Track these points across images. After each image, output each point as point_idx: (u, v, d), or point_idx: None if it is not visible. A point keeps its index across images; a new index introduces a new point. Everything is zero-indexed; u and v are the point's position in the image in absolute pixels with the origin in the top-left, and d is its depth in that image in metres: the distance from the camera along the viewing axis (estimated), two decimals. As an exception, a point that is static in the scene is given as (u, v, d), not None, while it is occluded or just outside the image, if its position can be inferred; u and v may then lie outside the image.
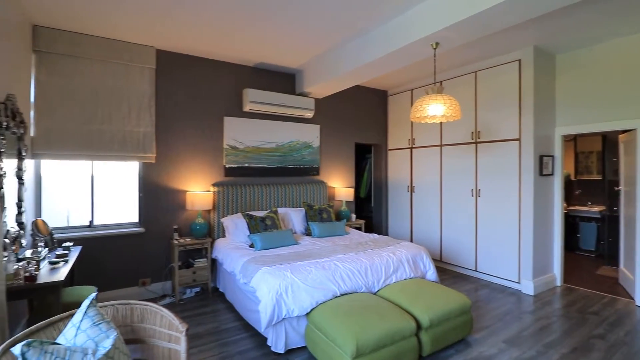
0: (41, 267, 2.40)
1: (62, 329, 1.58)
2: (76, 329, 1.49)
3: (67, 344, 1.44)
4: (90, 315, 1.54)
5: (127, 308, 1.80)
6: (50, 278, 2.25)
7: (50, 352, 1.28)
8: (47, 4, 2.93)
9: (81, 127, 3.50)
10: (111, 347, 1.45)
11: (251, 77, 4.62)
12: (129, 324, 1.77)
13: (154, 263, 3.88)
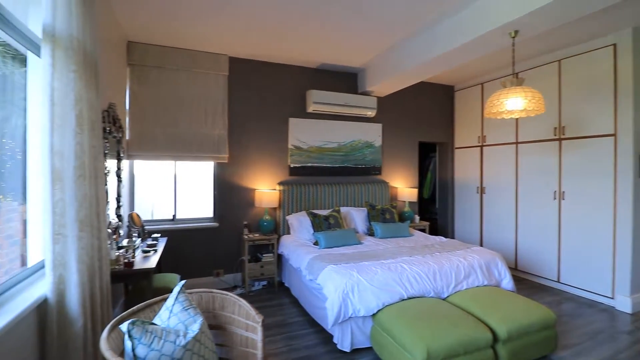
0: (136, 255, 2.72)
1: (157, 311, 1.78)
2: (169, 312, 1.66)
3: (162, 325, 1.61)
4: (180, 301, 1.71)
5: (209, 296, 1.96)
6: (143, 265, 2.54)
7: (150, 331, 1.44)
8: (140, 23, 3.32)
9: (166, 131, 3.89)
10: (198, 331, 1.59)
11: (314, 79, 4.71)
12: (211, 310, 1.93)
13: (226, 255, 4.18)
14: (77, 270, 1.62)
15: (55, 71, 1.64)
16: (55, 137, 1.61)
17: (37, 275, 1.76)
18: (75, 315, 1.60)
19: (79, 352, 1.61)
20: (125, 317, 1.60)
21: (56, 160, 1.61)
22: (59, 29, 1.67)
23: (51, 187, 1.59)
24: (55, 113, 1.62)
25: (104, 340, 1.38)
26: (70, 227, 1.63)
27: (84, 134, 1.74)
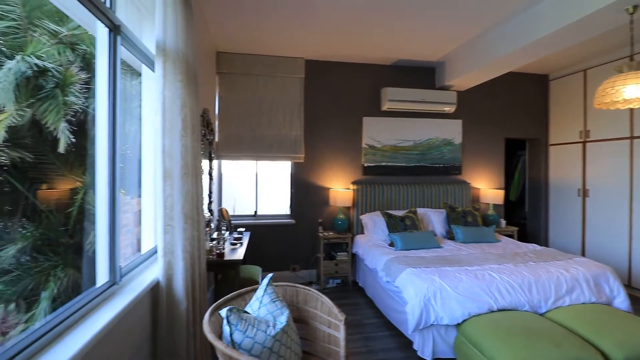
0: (225, 247, 2.96)
1: (247, 301, 1.90)
2: (259, 302, 1.76)
3: (253, 314, 1.72)
4: (269, 293, 1.80)
5: (293, 290, 2.03)
6: (232, 256, 2.74)
7: (245, 319, 1.55)
8: (228, 35, 3.61)
9: (249, 133, 4.17)
10: (286, 323, 1.65)
11: (389, 76, 4.60)
12: (294, 304, 2.00)
13: (302, 252, 4.32)
14: (182, 258, 1.82)
15: (166, 81, 1.85)
16: (166, 140, 1.83)
17: (150, 261, 2.02)
18: (180, 298, 1.80)
19: (182, 331, 1.80)
20: (221, 304, 1.74)
21: (167, 160, 1.82)
22: (168, 43, 1.88)
23: (163, 184, 1.80)
24: (166, 118, 1.84)
25: (206, 323, 1.51)
26: (177, 220, 1.83)
27: (187, 136, 1.94)
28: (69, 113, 3.63)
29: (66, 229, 4.12)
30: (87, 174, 4.46)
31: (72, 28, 4.42)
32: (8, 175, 4.07)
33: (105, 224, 1.53)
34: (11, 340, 1.00)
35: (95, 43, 1.59)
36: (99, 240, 1.52)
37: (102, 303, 1.39)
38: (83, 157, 4.42)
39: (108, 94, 1.56)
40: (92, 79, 4.13)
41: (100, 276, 1.50)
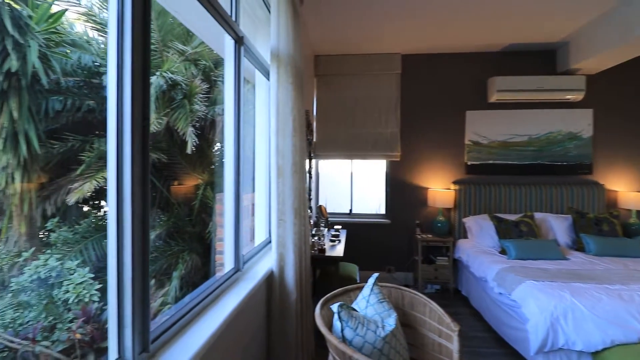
0: (325, 243, 3.04)
1: (352, 298, 1.91)
2: (366, 302, 1.74)
3: (360, 313, 1.71)
4: (375, 292, 1.77)
5: (398, 292, 1.97)
6: (332, 252, 2.81)
7: (355, 317, 1.54)
8: (325, 38, 3.70)
9: (345, 132, 4.22)
10: (394, 325, 1.60)
11: (497, 64, 4.12)
12: (400, 307, 1.93)
13: (397, 253, 4.20)
14: (292, 251, 1.92)
15: (279, 85, 1.98)
16: (279, 139, 1.95)
17: (264, 251, 2.19)
18: (291, 288, 1.90)
19: (292, 320, 1.90)
20: (330, 299, 1.78)
21: (279, 159, 1.95)
22: (281, 49, 2.00)
23: (276, 180, 1.93)
24: (279, 119, 1.96)
25: (318, 315, 1.56)
26: (288, 214, 1.94)
27: (296, 136, 2.04)
28: (194, 119, 4.21)
29: (190, 219, 4.79)
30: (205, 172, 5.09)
31: (194, 46, 5.11)
32: (154, 172, 4.86)
33: (231, 218, 1.70)
34: (170, 310, 1.18)
35: (224, 54, 1.78)
36: (226, 232, 1.71)
37: (230, 287, 1.55)
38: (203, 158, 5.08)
39: (234, 99, 1.73)
40: (211, 89, 4.71)
41: (227, 263, 1.68)
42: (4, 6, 3.14)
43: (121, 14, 0.88)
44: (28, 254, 3.18)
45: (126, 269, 0.87)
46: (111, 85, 0.89)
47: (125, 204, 0.88)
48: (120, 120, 0.88)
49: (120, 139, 0.88)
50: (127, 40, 0.89)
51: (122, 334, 0.87)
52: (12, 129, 3.05)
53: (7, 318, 2.81)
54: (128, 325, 0.87)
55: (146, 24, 0.93)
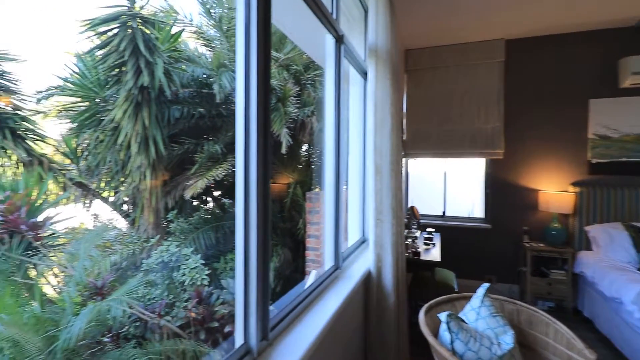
0: (418, 246, 2.89)
1: (457, 307, 1.75)
2: (476, 314, 1.58)
3: (470, 325, 1.56)
4: (487, 305, 1.60)
5: (513, 308, 1.74)
6: (427, 256, 2.65)
7: (465, 329, 1.41)
8: (416, 30, 3.51)
9: (438, 129, 3.96)
10: (513, 345, 1.41)
11: (630, 41, 3.37)
12: (515, 324, 1.70)
13: (499, 262, 3.77)
14: (390, 252, 1.85)
15: (377, 81, 1.93)
16: (377, 137, 1.90)
17: (360, 250, 2.17)
18: (389, 291, 1.83)
19: (391, 324, 1.83)
20: (433, 306, 1.67)
21: (377, 157, 1.90)
22: (379, 45, 1.95)
23: (374, 179, 1.89)
24: (377, 117, 1.91)
25: (422, 322, 1.47)
26: (386, 214, 1.88)
27: (394, 134, 1.97)
28: (287, 121, 4.44)
29: (282, 215, 5.07)
30: (295, 171, 5.33)
31: (286, 53, 5.38)
32: None
33: (331, 215, 1.72)
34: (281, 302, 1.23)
35: (316, 57, 1.81)
36: (326, 229, 1.73)
37: (331, 284, 1.56)
38: (293, 157, 5.33)
39: (334, 98, 1.74)
40: (301, 91, 4.91)
41: (327, 260, 1.69)
42: (138, 31, 3.75)
43: (248, 26, 0.94)
44: (154, 240, 3.76)
45: (252, 260, 0.93)
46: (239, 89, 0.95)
47: (251, 201, 0.93)
48: (247, 122, 0.94)
49: (247, 140, 0.94)
50: (253, 44, 0.94)
51: (247, 321, 0.93)
52: (144, 135, 3.64)
53: (140, 293, 3.34)
54: (253, 314, 0.93)
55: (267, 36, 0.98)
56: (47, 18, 11.48)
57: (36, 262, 2.79)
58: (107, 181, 4.39)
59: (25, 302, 2.76)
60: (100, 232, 3.66)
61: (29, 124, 3.83)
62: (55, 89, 4.28)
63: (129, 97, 3.59)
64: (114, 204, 4.46)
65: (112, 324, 2.94)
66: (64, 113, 4.50)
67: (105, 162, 4.06)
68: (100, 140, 3.98)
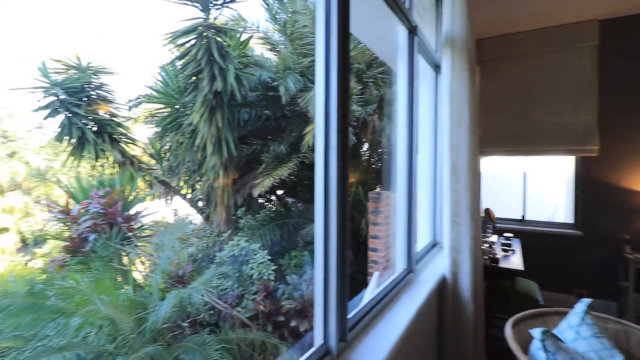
0: (496, 252, 2.65)
1: (549, 324, 1.56)
2: (575, 332, 1.38)
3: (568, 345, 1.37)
4: (588, 323, 1.39)
5: (620, 328, 1.49)
6: (507, 264, 2.41)
7: (564, 349, 1.24)
8: (489, 17, 3.21)
9: (515, 124, 3.60)
10: (625, 372, 1.21)
11: None
12: (624, 347, 1.46)
13: (592, 274, 3.30)
14: (468, 258, 1.72)
15: (453, 73, 1.80)
16: (453, 134, 1.78)
17: (432, 253, 2.05)
18: (466, 299, 1.70)
19: (470, 337, 1.70)
20: (520, 320, 1.51)
21: (453, 154, 1.77)
22: (455, 33, 1.82)
23: (450, 178, 1.77)
24: (453, 111, 1.79)
25: (510, 337, 1.33)
26: (463, 216, 1.74)
27: (472, 130, 1.82)
28: (351, 119, 4.42)
29: (343, 215, 5.06)
30: (356, 171, 5.29)
31: (348, 51, 5.36)
32: (310, 172, 5.41)
33: (403, 216, 1.64)
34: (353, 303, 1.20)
35: (395, 47, 1.74)
36: (398, 231, 1.66)
37: (404, 288, 1.49)
38: (354, 157, 5.28)
39: (407, 94, 1.66)
40: (364, 90, 4.85)
41: (399, 263, 1.63)
42: (212, 40, 4.03)
43: (328, 30, 0.94)
44: (226, 235, 4.02)
45: (331, 260, 0.91)
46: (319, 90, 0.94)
47: (331, 200, 0.92)
48: (327, 123, 0.93)
49: (327, 140, 0.93)
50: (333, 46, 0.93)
51: (327, 321, 0.92)
52: (217, 137, 3.91)
53: (214, 284, 3.58)
54: (333, 313, 0.91)
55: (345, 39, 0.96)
56: (135, 34, 12.77)
57: (129, 251, 3.15)
58: (186, 180, 4.80)
59: (119, 285, 3.14)
60: (182, 226, 4.02)
61: (122, 129, 4.36)
62: (143, 97, 4.82)
63: (204, 102, 3.88)
64: (191, 200, 4.87)
65: (190, 310, 3.21)
66: (150, 119, 5.05)
67: (184, 162, 4.45)
68: (180, 143, 4.37)
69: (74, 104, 3.84)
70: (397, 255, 1.66)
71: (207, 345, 2.65)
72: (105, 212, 3.03)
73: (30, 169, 9.05)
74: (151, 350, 2.45)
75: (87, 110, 3.98)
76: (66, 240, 3.06)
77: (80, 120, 3.88)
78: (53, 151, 9.44)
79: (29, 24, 11.22)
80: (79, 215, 3.02)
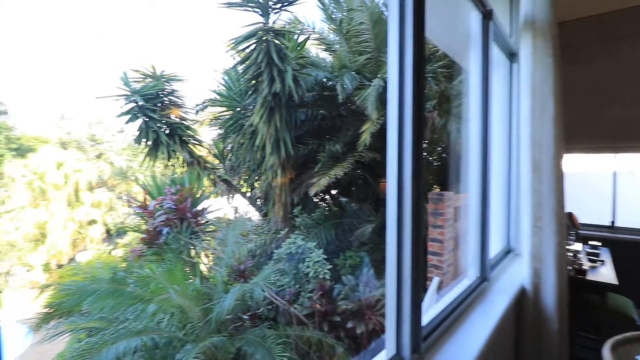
0: (582, 262, 2.34)
1: (659, 350, 1.31)
2: (699, 364, 1.15)
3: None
4: None
5: None
6: (595, 276, 2.11)
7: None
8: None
9: (601, 116, 3.15)
10: None
11: None
12: None
13: None
14: (553, 267, 1.52)
15: (535, 59, 1.62)
16: (534, 128, 1.60)
17: (507, 261, 1.86)
18: (550, 315, 1.51)
19: (552, 356, 1.50)
20: (621, 342, 1.29)
21: (535, 151, 1.59)
22: (537, 14, 1.63)
23: (530, 177, 1.58)
24: (535, 102, 1.60)
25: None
26: (546, 220, 1.55)
27: (558, 124, 1.62)
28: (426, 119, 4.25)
29: (399, 216, 4.89)
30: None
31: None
32: (364, 172, 5.30)
33: (476, 219, 1.51)
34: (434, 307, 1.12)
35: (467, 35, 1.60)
36: (470, 235, 1.52)
37: (477, 298, 1.36)
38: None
39: (481, 86, 1.52)
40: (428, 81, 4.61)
41: (471, 269, 1.49)
42: (271, 44, 4.14)
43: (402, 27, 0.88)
44: (283, 232, 4.11)
45: (405, 264, 0.85)
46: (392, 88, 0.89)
47: (405, 201, 0.86)
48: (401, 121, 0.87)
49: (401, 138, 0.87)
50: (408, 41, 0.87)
51: (400, 330, 0.86)
52: (276, 137, 4.02)
53: (272, 280, 3.68)
54: (406, 322, 0.85)
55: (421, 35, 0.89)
56: (201, 42, 13.62)
57: (197, 244, 3.37)
58: (245, 178, 5.02)
59: (188, 276, 3.37)
60: (244, 223, 4.20)
61: (191, 132, 4.69)
62: (208, 101, 5.14)
63: (264, 104, 4.00)
64: (250, 198, 5.07)
65: (250, 304, 3.33)
66: (214, 121, 5.37)
67: (244, 162, 4.65)
68: (241, 143, 4.57)
69: (150, 109, 4.21)
70: (467, 261, 1.53)
71: (267, 339, 2.73)
72: (177, 207, 3.27)
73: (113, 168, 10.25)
74: (216, 340, 2.59)
75: (161, 115, 4.34)
76: (143, 233, 3.37)
77: (155, 124, 4.25)
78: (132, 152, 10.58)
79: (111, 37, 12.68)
80: (155, 210, 3.31)
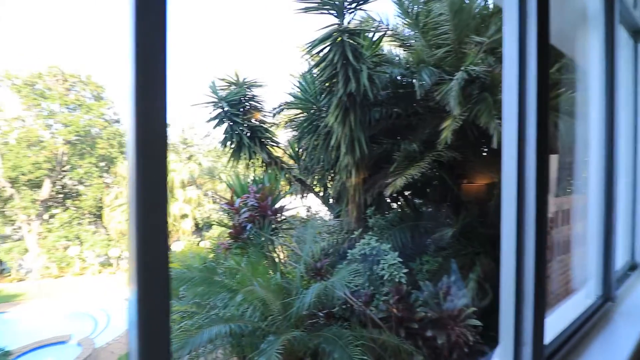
0: None
1: None
2: None
3: None
4: None
5: None
6: None
7: None
8: None
9: None
10: None
11: None
12: None
13: None
14: None
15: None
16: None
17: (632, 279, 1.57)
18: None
19: None
20: None
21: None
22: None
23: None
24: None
25: None
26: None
27: None
28: (499, 111, 3.89)
29: (482, 220, 4.51)
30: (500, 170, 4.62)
31: (489, 35, 4.74)
32: (442, 172, 4.99)
33: (596, 226, 1.30)
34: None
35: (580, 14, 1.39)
36: (590, 244, 1.31)
37: (598, 324, 1.16)
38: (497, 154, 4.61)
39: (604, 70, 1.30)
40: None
41: (589, 284, 1.29)
42: (346, 44, 4.14)
43: None
44: (357, 233, 4.09)
45: (527, 276, 0.76)
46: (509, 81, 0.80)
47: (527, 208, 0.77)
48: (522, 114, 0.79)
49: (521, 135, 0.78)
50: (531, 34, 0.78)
51: (519, 353, 0.77)
52: (350, 137, 4.01)
53: (346, 280, 3.68)
54: (528, 343, 0.76)
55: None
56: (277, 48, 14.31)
57: (276, 241, 3.54)
58: (319, 178, 5.13)
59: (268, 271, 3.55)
60: (321, 222, 4.30)
61: (269, 134, 4.96)
62: (284, 104, 5.37)
63: (339, 104, 4.03)
64: (324, 198, 5.17)
65: (326, 302, 3.38)
66: (289, 123, 5.59)
67: (318, 162, 4.74)
68: (316, 144, 4.67)
69: (235, 114, 4.55)
70: (582, 273, 1.32)
71: (343, 339, 2.74)
72: (259, 205, 3.48)
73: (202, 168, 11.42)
74: (296, 334, 2.68)
75: (243, 119, 4.66)
76: (230, 228, 3.66)
77: (239, 128, 4.58)
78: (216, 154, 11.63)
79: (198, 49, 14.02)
80: (240, 207, 3.56)
